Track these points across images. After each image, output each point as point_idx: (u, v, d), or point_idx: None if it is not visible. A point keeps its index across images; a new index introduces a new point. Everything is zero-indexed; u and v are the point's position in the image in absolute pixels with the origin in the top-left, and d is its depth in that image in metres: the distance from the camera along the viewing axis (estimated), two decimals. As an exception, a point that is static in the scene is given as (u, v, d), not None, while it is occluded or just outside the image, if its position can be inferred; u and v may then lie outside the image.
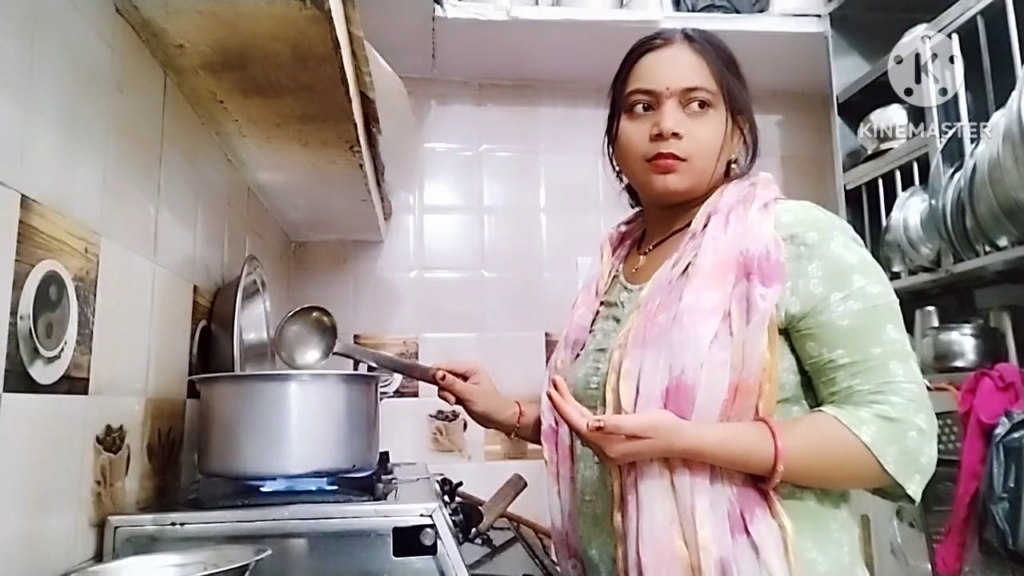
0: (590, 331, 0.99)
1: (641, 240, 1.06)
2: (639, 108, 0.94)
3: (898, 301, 0.85)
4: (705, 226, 0.90)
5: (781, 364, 0.83)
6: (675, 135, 0.89)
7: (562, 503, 0.98)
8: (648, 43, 0.96)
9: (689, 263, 0.87)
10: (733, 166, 0.95)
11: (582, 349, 0.99)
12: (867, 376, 0.80)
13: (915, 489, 0.80)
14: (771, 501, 0.80)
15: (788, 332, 0.84)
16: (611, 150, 1.02)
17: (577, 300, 1.06)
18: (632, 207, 1.11)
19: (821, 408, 0.83)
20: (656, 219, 1.02)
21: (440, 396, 1.15)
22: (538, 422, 1.06)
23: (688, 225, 0.93)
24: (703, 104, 0.91)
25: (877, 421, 0.79)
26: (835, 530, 0.84)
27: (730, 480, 0.81)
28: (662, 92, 0.91)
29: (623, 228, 1.13)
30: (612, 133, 1.00)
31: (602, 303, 1.01)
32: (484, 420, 1.14)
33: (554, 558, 1.77)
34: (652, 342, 0.84)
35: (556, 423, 0.99)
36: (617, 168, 1.04)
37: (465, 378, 1.13)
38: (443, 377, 1.12)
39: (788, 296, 0.82)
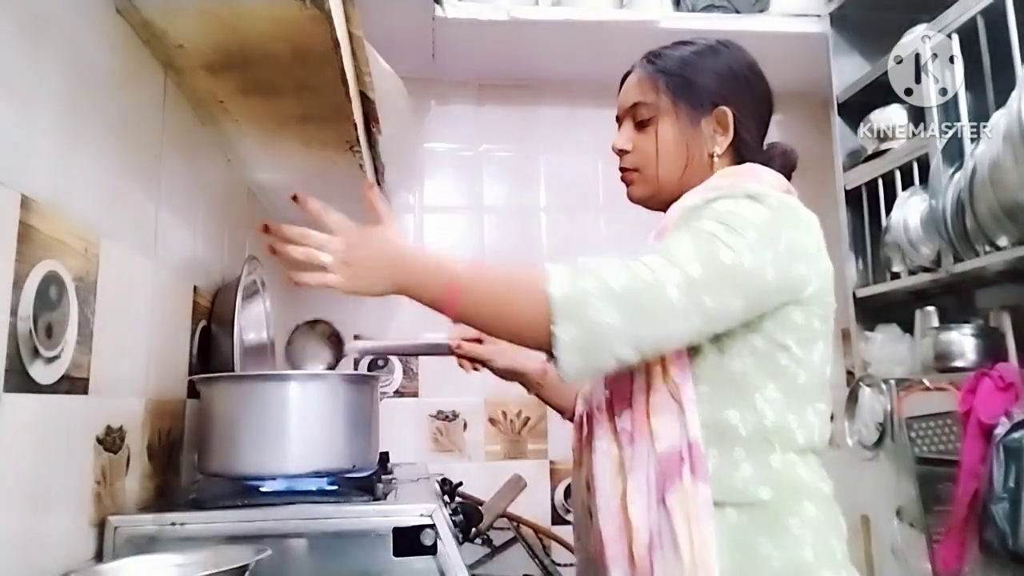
0: None
1: None
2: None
3: (742, 260, 0.80)
4: None
5: None
6: (621, 152, 1.01)
7: (579, 485, 1.00)
8: (625, 74, 1.07)
9: None
10: (716, 160, 0.97)
11: None
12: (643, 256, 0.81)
13: (563, 336, 0.75)
14: (683, 470, 0.81)
15: None
16: None
17: None
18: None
19: None
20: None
21: (460, 365, 1.16)
22: (563, 388, 1.10)
23: None
24: (646, 117, 0.99)
25: (575, 267, 0.78)
26: (795, 526, 0.83)
27: (654, 451, 0.83)
28: (618, 115, 1.05)
29: None
30: None
31: None
32: (510, 375, 1.15)
33: (555, 558, 1.77)
34: None
35: (587, 415, 1.01)
36: None
37: (480, 341, 1.14)
38: (459, 346, 1.13)
39: None
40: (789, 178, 0.98)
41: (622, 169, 1.02)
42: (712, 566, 0.78)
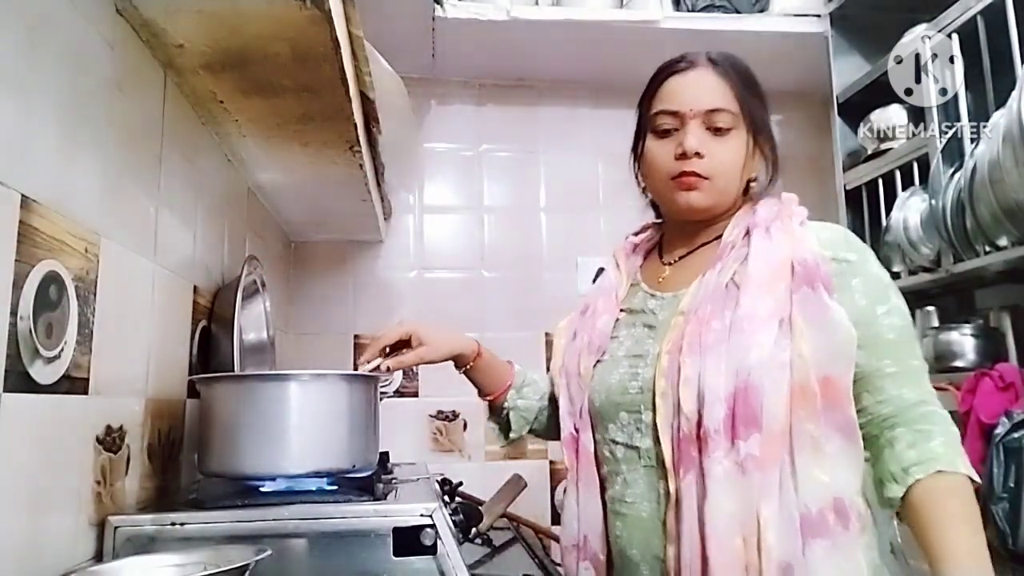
0: (613, 337, 1.02)
1: (657, 251, 1.10)
2: (664, 128, 0.98)
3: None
4: (746, 237, 0.95)
5: None
6: (697, 154, 0.94)
7: (580, 508, 1.00)
8: (673, 66, 1.00)
9: (735, 272, 0.92)
10: (752, 184, 1.00)
11: (604, 354, 1.01)
12: (913, 387, 0.89)
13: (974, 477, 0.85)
14: (831, 518, 0.84)
15: None
16: (637, 167, 1.06)
17: (593, 307, 1.07)
18: (656, 219, 1.14)
19: (911, 475, 0.85)
20: (679, 233, 1.05)
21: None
22: (493, 371, 1.13)
23: (718, 238, 0.99)
24: (726, 127, 0.95)
25: (949, 446, 0.85)
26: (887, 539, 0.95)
27: (798, 490, 0.84)
28: (686, 113, 0.96)
29: (633, 240, 1.15)
30: (638, 151, 1.04)
31: (622, 310, 1.04)
32: (447, 360, 1.13)
33: (555, 558, 1.77)
34: (711, 347, 0.88)
35: (576, 430, 1.01)
36: (642, 184, 1.07)
37: (398, 347, 1.10)
38: (388, 368, 1.09)
39: (845, 307, 0.89)
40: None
41: (689, 173, 0.96)
42: None
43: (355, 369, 1.18)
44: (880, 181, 1.93)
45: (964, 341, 1.67)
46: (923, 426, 0.86)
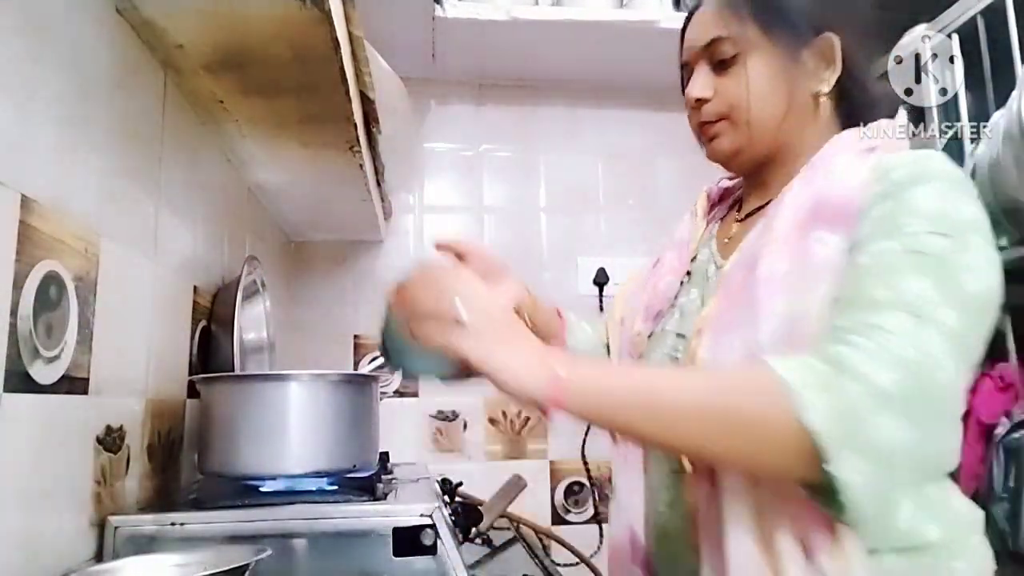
0: (672, 304, 0.87)
1: (740, 204, 0.93)
2: (685, 82, 0.88)
3: (985, 283, 0.64)
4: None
5: None
6: (700, 100, 0.83)
7: (626, 496, 0.85)
8: (691, 10, 0.88)
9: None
10: (823, 99, 0.82)
11: (662, 321, 0.87)
12: (850, 314, 0.62)
13: (849, 475, 0.55)
14: (835, 529, 0.64)
15: None
16: None
17: (662, 260, 0.93)
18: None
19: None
20: (751, 184, 0.90)
21: None
22: (540, 322, 1.01)
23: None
24: (729, 55, 0.81)
25: (817, 362, 0.59)
26: (962, 571, 0.72)
27: (792, 499, 0.65)
28: (689, 59, 0.86)
29: (725, 184, 0.99)
30: None
31: (688, 272, 0.89)
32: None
33: (555, 558, 1.77)
34: (727, 325, 0.73)
35: None
36: None
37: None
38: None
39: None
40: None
41: (703, 123, 0.84)
42: None
43: (355, 367, 1.19)
44: (880, 181, 1.93)
45: (964, 341, 1.67)
46: (823, 344, 0.62)
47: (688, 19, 0.88)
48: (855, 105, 0.82)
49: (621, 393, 0.63)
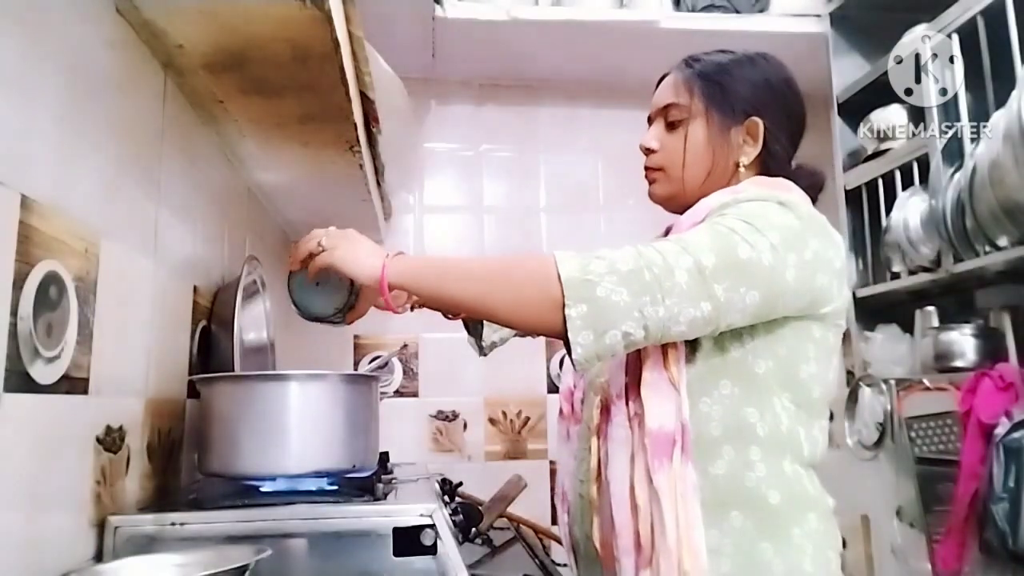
0: None
1: None
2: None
3: (758, 256, 0.80)
4: None
5: None
6: (647, 150, 1.01)
7: (567, 460, 1.00)
8: (663, 75, 1.05)
9: None
10: (741, 169, 0.98)
11: None
12: (643, 247, 0.82)
13: (576, 317, 0.76)
14: (674, 452, 0.82)
15: None
16: None
17: None
18: None
19: None
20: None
21: (386, 308, 1.05)
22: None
23: None
24: (677, 119, 0.99)
25: (584, 254, 0.80)
26: (797, 536, 0.84)
27: (648, 431, 0.83)
28: (652, 114, 1.03)
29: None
30: None
31: None
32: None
33: (555, 558, 1.77)
34: None
35: (574, 386, 1.01)
36: None
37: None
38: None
39: None
40: (815, 201, 0.96)
41: (647, 168, 1.02)
42: (699, 548, 0.79)
43: (355, 367, 1.19)
44: (880, 181, 1.93)
45: (964, 341, 1.67)
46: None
47: (660, 81, 1.05)
48: (771, 175, 0.97)
49: (431, 269, 0.87)
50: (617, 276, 0.77)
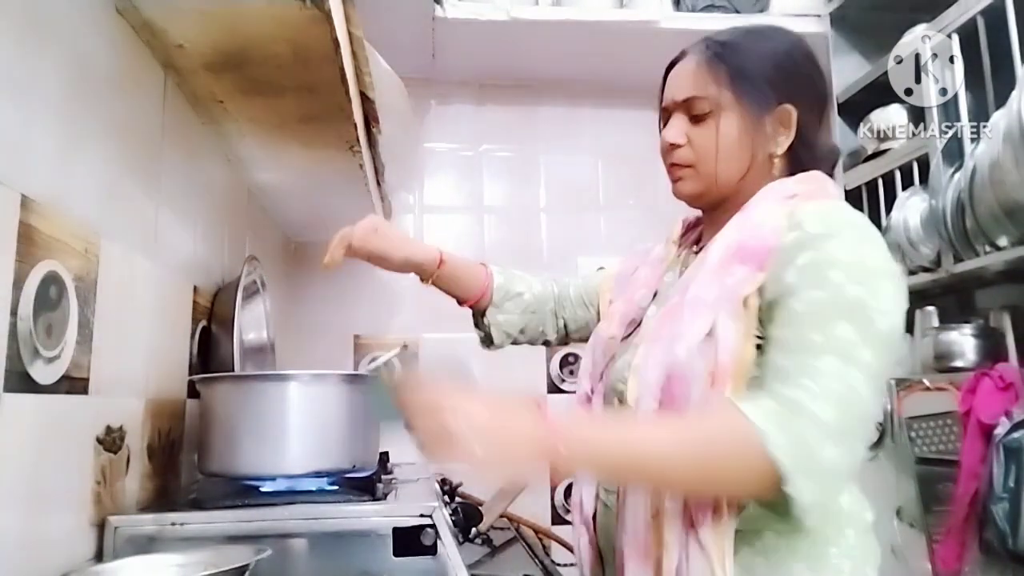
0: (642, 316, 0.97)
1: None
2: (663, 123, 0.98)
3: (892, 321, 0.78)
4: None
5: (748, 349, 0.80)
6: (673, 145, 0.93)
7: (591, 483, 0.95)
8: (674, 59, 0.98)
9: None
10: (776, 160, 0.92)
11: (635, 330, 0.96)
12: (792, 356, 0.75)
13: (802, 494, 0.69)
14: (720, 505, 0.77)
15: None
16: None
17: (639, 273, 1.03)
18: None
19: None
20: (708, 221, 1.00)
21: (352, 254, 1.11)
22: (462, 280, 1.11)
23: None
24: (704, 112, 0.91)
25: (775, 405, 0.72)
26: (834, 555, 0.80)
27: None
28: (668, 106, 0.96)
29: (691, 218, 1.09)
30: None
31: (656, 291, 0.99)
32: (406, 267, 1.09)
33: (555, 558, 1.77)
34: (656, 339, 0.85)
35: (591, 391, 0.97)
36: None
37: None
38: (349, 247, 1.09)
39: (771, 283, 0.80)
40: (831, 175, 0.94)
41: (673, 165, 0.95)
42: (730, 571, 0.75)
43: (355, 367, 1.18)
44: (880, 181, 1.93)
45: (964, 341, 1.67)
46: (776, 386, 0.74)
47: (670, 68, 0.98)
48: (801, 162, 0.93)
49: (617, 459, 0.75)
50: (827, 435, 0.70)
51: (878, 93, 1.89)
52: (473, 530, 1.20)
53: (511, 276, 1.15)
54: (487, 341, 1.15)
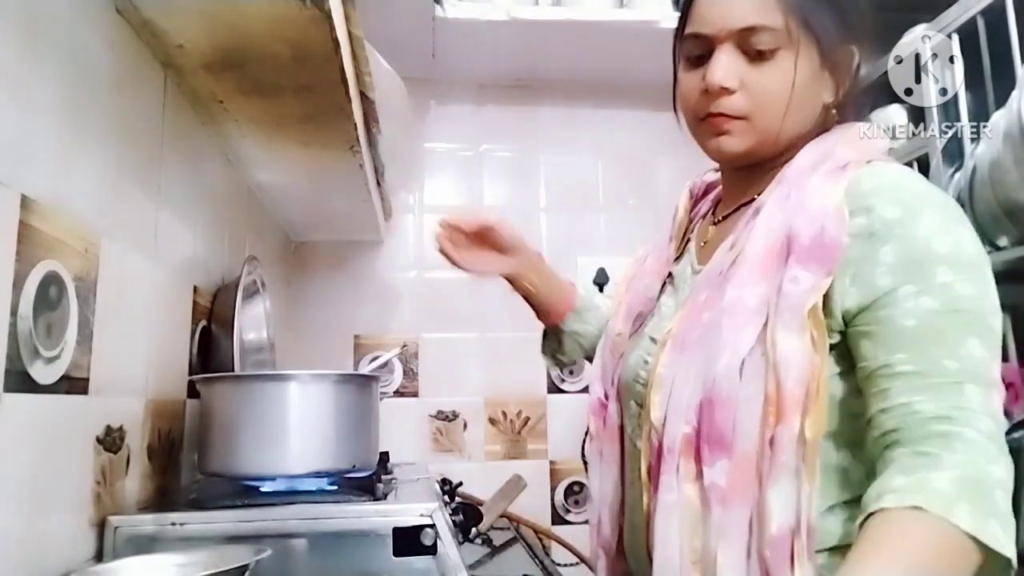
0: (654, 306, 0.86)
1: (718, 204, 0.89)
2: (695, 56, 0.78)
3: (1000, 319, 0.69)
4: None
5: (829, 371, 0.68)
6: (725, 89, 0.75)
7: (600, 483, 0.87)
8: None
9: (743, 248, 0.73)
10: (834, 112, 0.78)
11: (643, 323, 0.86)
12: (933, 394, 0.63)
13: (1013, 550, 0.60)
14: (797, 556, 0.65)
15: (845, 333, 0.69)
16: (676, 104, 0.84)
17: (648, 257, 0.93)
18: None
19: (882, 501, 0.61)
20: (731, 182, 0.86)
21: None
22: (552, 293, 1.09)
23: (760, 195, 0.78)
24: (767, 47, 0.73)
25: (962, 488, 0.60)
26: None
27: (764, 529, 0.66)
28: (715, 36, 0.76)
29: (709, 179, 0.94)
30: (675, 87, 0.84)
31: (670, 273, 0.87)
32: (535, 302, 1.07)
33: (555, 558, 1.77)
34: (691, 346, 0.72)
35: (606, 397, 0.88)
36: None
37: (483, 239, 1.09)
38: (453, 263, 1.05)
39: (847, 285, 0.67)
40: None
41: (720, 115, 0.76)
42: None
43: (355, 367, 1.19)
44: (880, 181, 1.93)
45: (964, 341, 1.66)
46: (931, 449, 0.62)
47: None
48: (846, 113, 0.80)
49: None
50: (1006, 491, 0.62)
51: (878, 93, 1.89)
52: (473, 530, 1.20)
53: (591, 291, 1.12)
54: (555, 352, 1.11)
